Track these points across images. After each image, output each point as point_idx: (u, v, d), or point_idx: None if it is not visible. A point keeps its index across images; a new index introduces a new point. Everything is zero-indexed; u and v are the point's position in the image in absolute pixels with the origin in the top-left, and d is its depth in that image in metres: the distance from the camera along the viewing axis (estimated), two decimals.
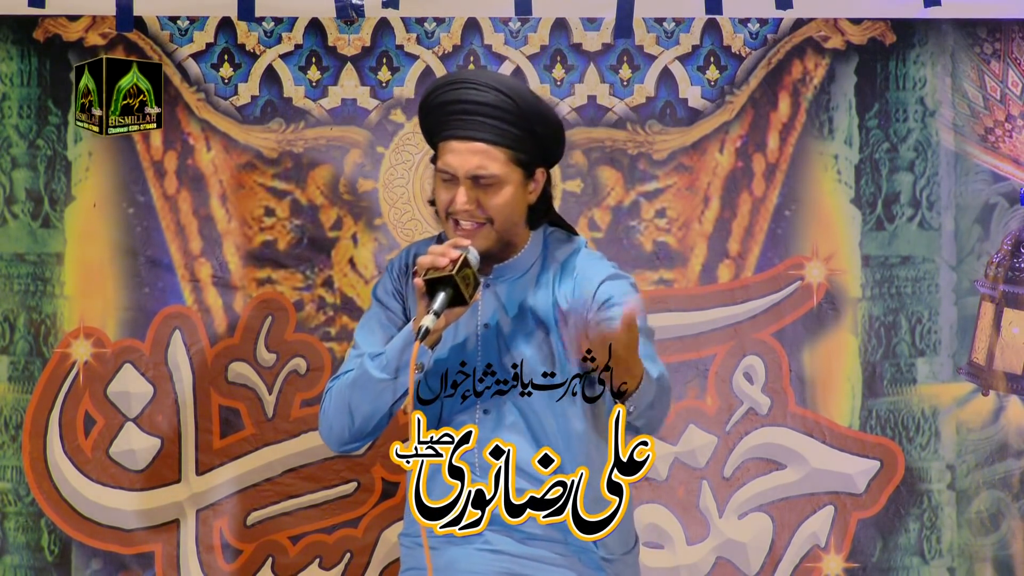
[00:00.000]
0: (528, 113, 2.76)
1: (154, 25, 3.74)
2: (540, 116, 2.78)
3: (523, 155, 2.77)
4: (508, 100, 2.74)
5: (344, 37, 3.76)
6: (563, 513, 2.59)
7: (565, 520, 2.59)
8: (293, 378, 3.74)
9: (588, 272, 2.81)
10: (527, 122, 2.76)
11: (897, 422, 3.82)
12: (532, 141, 2.77)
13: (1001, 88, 3.85)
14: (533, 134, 2.77)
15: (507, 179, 2.77)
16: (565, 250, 2.87)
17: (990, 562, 3.85)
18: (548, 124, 2.79)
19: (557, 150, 2.84)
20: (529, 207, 2.83)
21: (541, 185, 2.83)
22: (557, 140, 2.82)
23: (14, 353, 3.74)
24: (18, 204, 3.75)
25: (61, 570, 3.73)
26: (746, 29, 3.80)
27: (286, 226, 3.77)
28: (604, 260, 2.89)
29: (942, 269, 3.84)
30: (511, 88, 2.76)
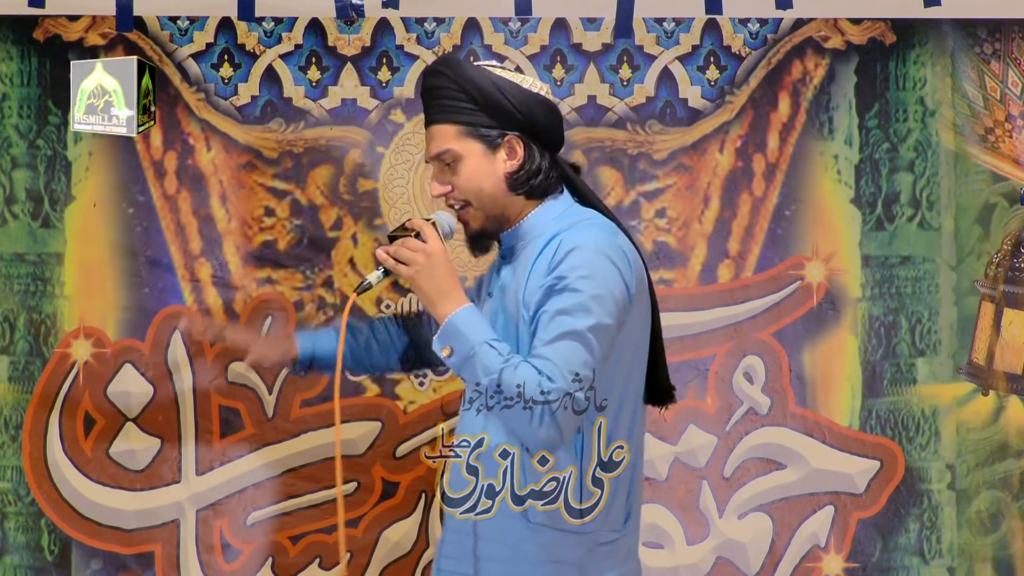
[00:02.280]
0: (462, 82, 2.78)
1: (154, 25, 3.74)
2: (472, 82, 2.78)
3: (473, 126, 2.79)
4: (444, 76, 2.80)
5: (344, 37, 3.76)
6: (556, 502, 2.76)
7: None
8: (293, 378, 3.74)
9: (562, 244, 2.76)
10: (464, 92, 2.78)
11: (897, 422, 3.82)
12: (478, 109, 2.78)
13: (1001, 88, 3.85)
14: (475, 102, 2.78)
15: (464, 152, 2.80)
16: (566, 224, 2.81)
17: (990, 562, 3.85)
18: (482, 89, 2.78)
19: (515, 113, 2.79)
20: (509, 175, 2.82)
21: (519, 153, 2.81)
22: (501, 104, 2.78)
23: (14, 353, 3.74)
24: (18, 204, 3.75)
25: (61, 570, 3.74)
26: (746, 29, 3.80)
27: (286, 226, 3.77)
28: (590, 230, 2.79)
29: (942, 269, 3.84)
30: (447, 63, 2.82)
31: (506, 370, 2.67)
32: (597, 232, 2.76)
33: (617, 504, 2.78)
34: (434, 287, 2.77)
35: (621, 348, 2.74)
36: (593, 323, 2.66)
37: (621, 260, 2.73)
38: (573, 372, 2.64)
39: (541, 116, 2.81)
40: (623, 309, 2.71)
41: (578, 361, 2.65)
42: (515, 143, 2.80)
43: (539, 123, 2.80)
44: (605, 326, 2.68)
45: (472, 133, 2.80)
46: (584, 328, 2.66)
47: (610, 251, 2.72)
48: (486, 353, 2.69)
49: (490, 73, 2.81)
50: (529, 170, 2.81)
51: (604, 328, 2.67)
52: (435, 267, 2.77)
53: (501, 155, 2.81)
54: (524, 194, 2.83)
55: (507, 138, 2.80)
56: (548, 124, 2.82)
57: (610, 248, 2.73)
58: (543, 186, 2.83)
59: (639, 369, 2.81)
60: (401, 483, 3.75)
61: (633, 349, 2.79)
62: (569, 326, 2.66)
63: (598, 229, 2.77)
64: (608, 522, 2.78)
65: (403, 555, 3.75)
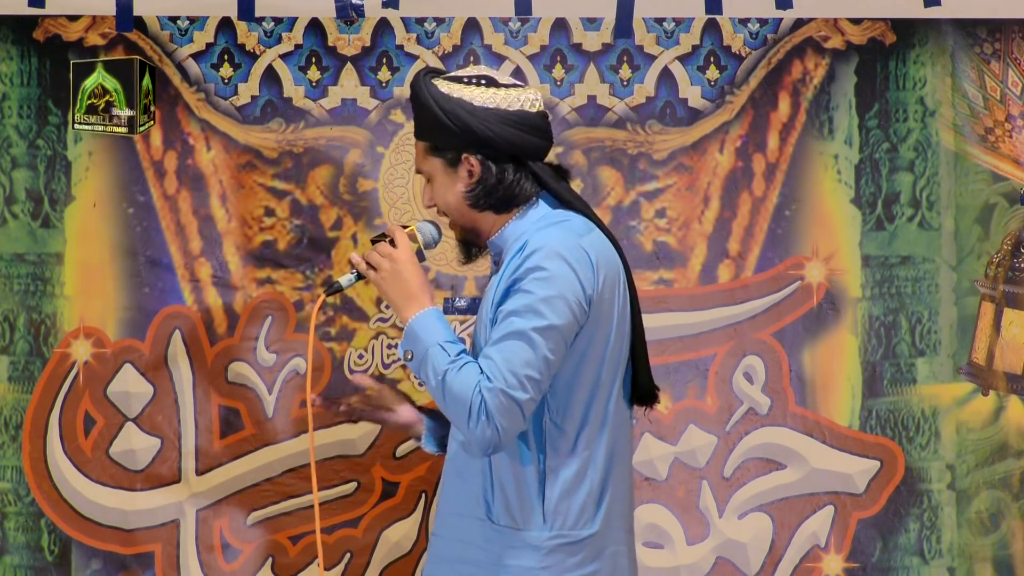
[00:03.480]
0: (417, 102, 2.81)
1: (154, 25, 3.74)
2: (424, 104, 2.79)
3: (431, 143, 2.81)
4: (411, 93, 2.83)
5: (344, 37, 3.76)
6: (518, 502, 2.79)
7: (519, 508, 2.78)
8: (293, 378, 3.74)
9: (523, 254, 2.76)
10: (417, 106, 2.82)
11: (897, 422, 3.82)
12: (430, 126, 2.80)
13: (1001, 88, 3.85)
14: (425, 118, 2.80)
15: (431, 169, 2.84)
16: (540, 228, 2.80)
17: (990, 562, 3.85)
18: (431, 111, 2.78)
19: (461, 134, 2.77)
20: (465, 194, 2.81)
21: (476, 171, 2.79)
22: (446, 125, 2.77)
23: (14, 353, 3.74)
24: (18, 204, 3.75)
25: (61, 570, 3.74)
26: (746, 29, 3.80)
27: (286, 226, 3.77)
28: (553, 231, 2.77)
29: (942, 269, 3.84)
30: (412, 81, 2.84)
31: (450, 371, 2.68)
32: (559, 233, 2.75)
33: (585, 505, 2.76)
34: (398, 292, 2.79)
35: (584, 349, 2.73)
36: (540, 324, 2.66)
37: (579, 261, 2.71)
38: (513, 372, 2.64)
39: (497, 132, 2.77)
40: (579, 311, 2.69)
41: (520, 361, 2.65)
42: (472, 161, 2.79)
43: (493, 140, 2.77)
44: (554, 327, 2.67)
45: (433, 151, 2.82)
46: (529, 329, 2.65)
47: (567, 252, 2.71)
48: (436, 354, 2.70)
49: (436, 93, 2.78)
50: (485, 187, 2.80)
51: (553, 329, 2.67)
52: (400, 272, 2.79)
53: (462, 173, 2.81)
54: (489, 209, 2.82)
55: (464, 157, 2.80)
56: (509, 138, 2.78)
57: (568, 249, 2.71)
58: (507, 199, 2.81)
59: (610, 369, 2.79)
60: (401, 483, 3.75)
61: (601, 349, 2.76)
62: (515, 327, 2.66)
63: (562, 230, 2.76)
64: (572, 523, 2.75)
65: (403, 555, 3.75)
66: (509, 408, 2.64)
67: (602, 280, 2.73)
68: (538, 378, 2.65)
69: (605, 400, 2.78)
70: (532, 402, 2.66)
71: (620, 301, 2.79)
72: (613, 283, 2.77)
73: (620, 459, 2.82)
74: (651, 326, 3.74)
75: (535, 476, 2.73)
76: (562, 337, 2.68)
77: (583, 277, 2.70)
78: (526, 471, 2.73)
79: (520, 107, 2.78)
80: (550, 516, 2.73)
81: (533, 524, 2.73)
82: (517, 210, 2.82)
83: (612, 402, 2.79)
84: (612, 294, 2.76)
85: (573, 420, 2.74)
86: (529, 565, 2.73)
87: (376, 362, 3.76)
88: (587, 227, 2.79)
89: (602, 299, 2.73)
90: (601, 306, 2.73)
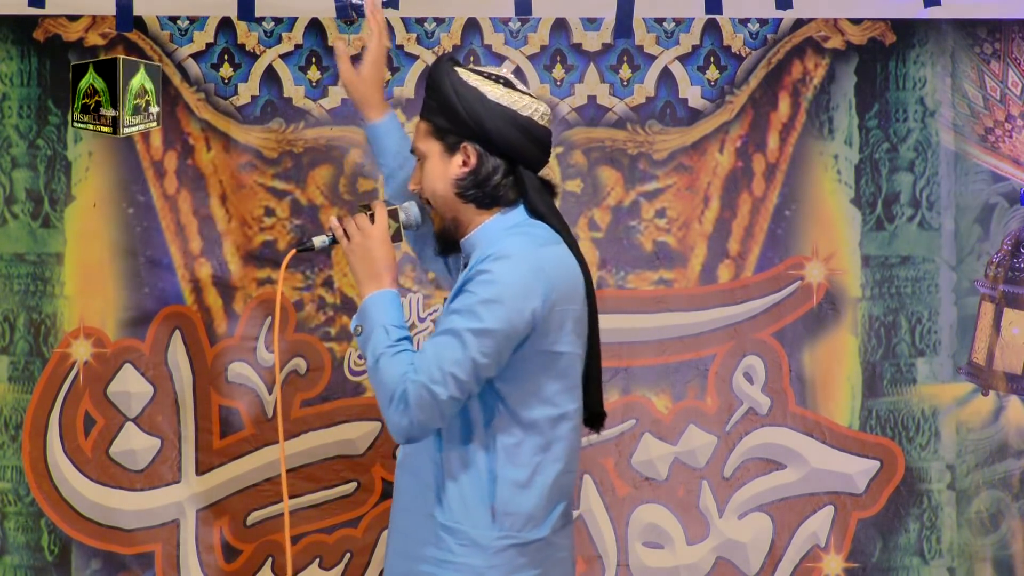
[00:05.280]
0: (433, 83, 2.83)
1: (154, 25, 3.74)
2: (439, 85, 2.82)
3: (435, 124, 2.83)
4: (429, 74, 2.86)
5: (344, 37, 3.76)
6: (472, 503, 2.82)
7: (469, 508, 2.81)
8: (293, 378, 3.74)
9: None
10: (432, 87, 2.83)
11: (897, 422, 3.83)
12: (440, 111, 2.82)
13: (1001, 88, 3.85)
14: (440, 104, 2.82)
15: (428, 151, 2.85)
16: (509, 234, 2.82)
17: (990, 562, 3.85)
18: (444, 93, 2.81)
19: (468, 122, 2.80)
20: (456, 180, 2.82)
21: (471, 161, 2.81)
22: (456, 110, 2.79)
23: (14, 353, 3.74)
24: (18, 204, 3.75)
25: (61, 570, 3.74)
26: (746, 29, 3.80)
27: (286, 226, 3.77)
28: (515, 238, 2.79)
29: (942, 269, 3.84)
30: (436, 62, 2.88)
31: (385, 355, 2.73)
32: (519, 241, 2.77)
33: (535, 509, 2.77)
34: (363, 267, 2.84)
35: (533, 357, 2.74)
36: (475, 326, 2.68)
37: (531, 271, 2.72)
38: (440, 368, 2.67)
39: (502, 130, 2.79)
40: (519, 319, 2.70)
41: (450, 359, 2.68)
42: (470, 150, 2.81)
43: (496, 136, 2.79)
44: (488, 331, 2.68)
45: (435, 134, 2.84)
46: (464, 328, 2.68)
47: (519, 261, 2.72)
48: (379, 335, 2.75)
49: (456, 79, 2.81)
50: (476, 179, 2.81)
51: (487, 333, 2.68)
52: (369, 249, 2.84)
53: (457, 160, 2.82)
54: (473, 202, 2.83)
55: (463, 145, 2.81)
56: (511, 139, 2.80)
57: (520, 258, 2.73)
58: (492, 196, 2.82)
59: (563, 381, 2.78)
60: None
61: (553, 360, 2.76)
62: (452, 324, 2.70)
63: (523, 239, 2.78)
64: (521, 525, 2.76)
65: None
66: (428, 402, 2.68)
67: (553, 295, 2.74)
68: (463, 378, 2.68)
69: (559, 412, 2.78)
70: (454, 400, 2.69)
71: (574, 317, 2.79)
72: (567, 298, 2.77)
73: (570, 471, 2.83)
74: (651, 326, 3.77)
75: (486, 477, 2.75)
76: (496, 342, 2.69)
77: (530, 287, 2.71)
78: (477, 472, 2.76)
79: (530, 115, 2.81)
80: (500, 517, 2.75)
81: (482, 524, 2.75)
82: (497, 210, 2.84)
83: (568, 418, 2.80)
84: (565, 309, 2.76)
85: (525, 426, 2.75)
86: (477, 564, 2.75)
87: None
88: (550, 239, 2.80)
89: (551, 312, 2.73)
90: (551, 319, 2.74)
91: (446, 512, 2.77)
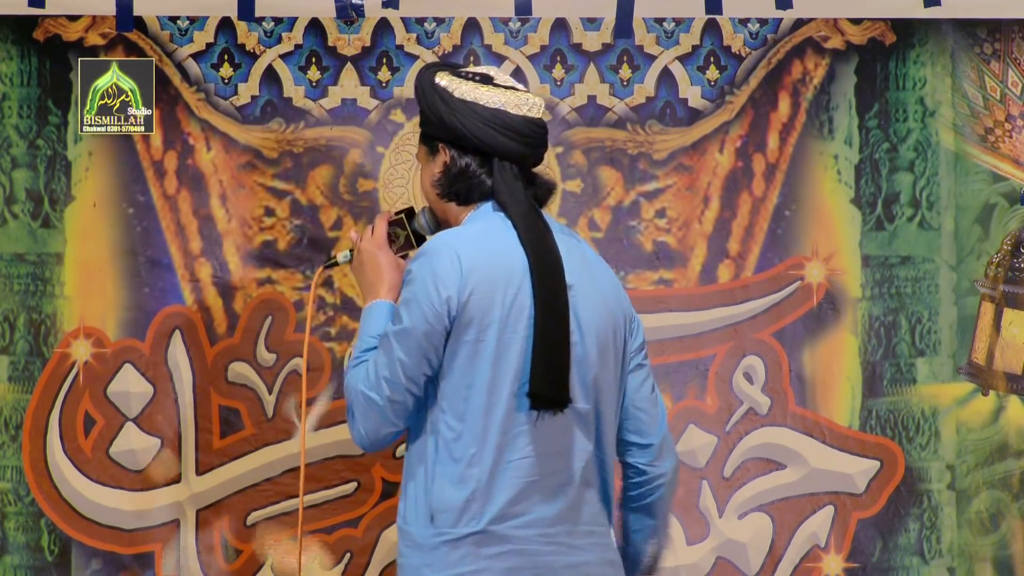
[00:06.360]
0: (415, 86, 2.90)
1: (154, 25, 3.74)
2: (415, 92, 2.90)
3: (422, 132, 2.90)
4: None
5: (344, 37, 3.76)
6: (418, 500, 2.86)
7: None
8: (293, 378, 3.74)
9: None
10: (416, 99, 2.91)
11: (897, 422, 3.82)
12: (422, 117, 2.90)
13: (1001, 88, 3.85)
14: (420, 109, 2.90)
15: (420, 157, 2.93)
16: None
17: (990, 562, 3.85)
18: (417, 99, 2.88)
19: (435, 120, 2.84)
20: (435, 181, 2.88)
21: (447, 161, 2.85)
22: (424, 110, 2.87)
23: (14, 353, 3.74)
24: (18, 204, 3.75)
25: (61, 570, 3.74)
26: (746, 29, 3.80)
27: (286, 226, 3.77)
28: (441, 235, 2.82)
29: (942, 269, 3.84)
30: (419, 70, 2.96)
31: (349, 368, 2.81)
32: (445, 236, 2.81)
33: (468, 502, 2.74)
34: (360, 280, 2.95)
35: (458, 351, 2.73)
36: (396, 328, 2.75)
37: (443, 264, 2.73)
38: (376, 373, 2.74)
39: (467, 125, 2.81)
40: (432, 313, 2.72)
41: (381, 364, 2.75)
42: (444, 150, 2.86)
43: (464, 132, 2.82)
44: (406, 330, 2.73)
45: (421, 139, 2.91)
46: (391, 332, 2.75)
47: (433, 256, 2.75)
48: (355, 347, 2.84)
49: (426, 82, 2.86)
50: (449, 177, 2.86)
51: (405, 332, 2.73)
52: (364, 262, 2.92)
53: (439, 161, 2.87)
54: (453, 200, 2.87)
55: (440, 146, 2.86)
56: (477, 133, 2.81)
57: (437, 252, 2.76)
58: (466, 192, 2.85)
59: (495, 372, 2.75)
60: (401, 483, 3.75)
61: (480, 352, 2.73)
62: (386, 329, 2.78)
63: (452, 233, 2.82)
64: (454, 521, 2.74)
65: None
66: (367, 409, 2.75)
67: (471, 284, 2.73)
68: (394, 380, 2.72)
69: (492, 401, 2.75)
70: (393, 403, 2.73)
71: (505, 305, 2.75)
72: (492, 287, 2.74)
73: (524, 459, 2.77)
74: (651, 326, 3.76)
75: (426, 476, 2.77)
76: (415, 340, 2.72)
77: (441, 281, 2.73)
78: (424, 471, 2.78)
79: (499, 107, 2.82)
80: (436, 515, 2.75)
81: (422, 523, 2.77)
82: (473, 207, 2.87)
83: (503, 402, 2.75)
84: (491, 298, 2.74)
85: (460, 420, 2.75)
86: (415, 563, 2.77)
87: None
88: (492, 229, 2.80)
89: (470, 303, 2.73)
90: (470, 309, 2.73)
91: (401, 515, 2.81)
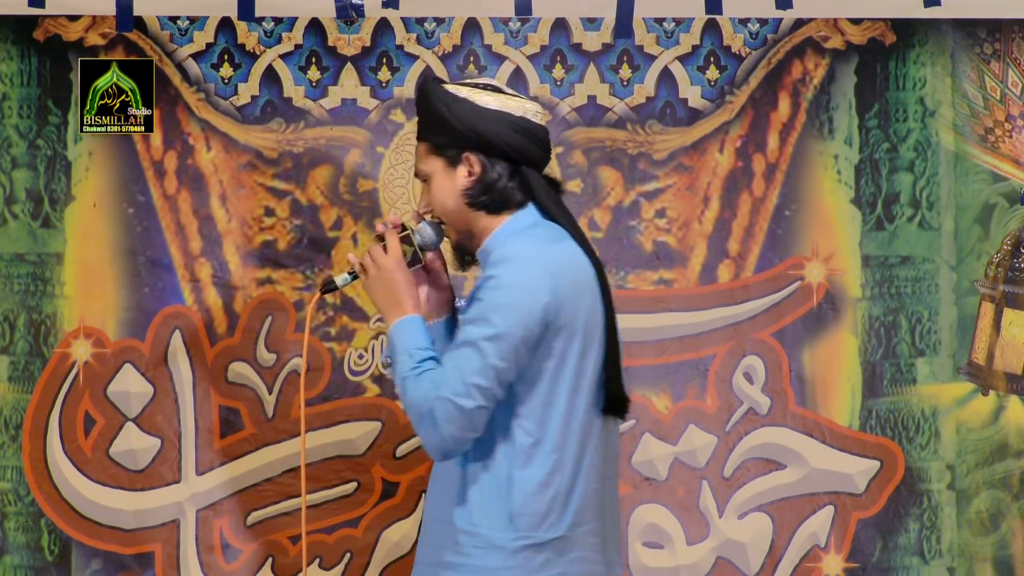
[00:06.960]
0: (424, 102, 2.85)
1: (154, 25, 3.74)
2: (429, 103, 2.83)
3: (434, 143, 2.84)
4: (417, 94, 2.87)
5: (344, 37, 3.76)
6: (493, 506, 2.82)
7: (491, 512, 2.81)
8: (293, 378, 3.74)
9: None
10: (424, 107, 2.85)
11: (897, 422, 3.83)
12: (435, 125, 2.83)
13: (1001, 88, 3.85)
14: (432, 120, 2.84)
15: (431, 170, 2.85)
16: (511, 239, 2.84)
17: (990, 562, 3.85)
18: (436, 109, 2.82)
19: (465, 132, 2.81)
20: (464, 191, 2.83)
21: (476, 170, 2.82)
22: (450, 123, 2.81)
23: (14, 353, 3.74)
24: (18, 204, 3.75)
25: (61, 570, 3.74)
26: (746, 29, 3.80)
27: (286, 226, 3.77)
28: (521, 240, 2.81)
29: (942, 269, 3.84)
30: (419, 82, 2.92)
31: (409, 378, 2.73)
32: (524, 242, 2.78)
33: (550, 508, 2.76)
34: (382, 299, 2.84)
35: (547, 355, 2.73)
36: (489, 333, 2.69)
37: (536, 269, 2.72)
38: (462, 381, 2.68)
39: (499, 133, 2.80)
40: (530, 319, 2.70)
41: (470, 369, 2.68)
42: (472, 160, 2.82)
43: (495, 140, 2.80)
44: (502, 335, 2.69)
45: (435, 151, 2.85)
46: (480, 338, 2.69)
47: (524, 261, 2.73)
48: (403, 361, 2.75)
49: (444, 93, 2.82)
50: (483, 185, 2.83)
51: (501, 338, 2.69)
52: (383, 279, 2.83)
53: (462, 172, 2.83)
54: (484, 209, 2.84)
55: (465, 155, 2.83)
56: (509, 140, 2.81)
57: (526, 258, 2.74)
58: (501, 200, 2.83)
59: (578, 377, 2.77)
60: (401, 483, 3.75)
61: (566, 357, 2.75)
62: (467, 335, 2.71)
63: (528, 239, 2.79)
64: (537, 525, 2.75)
65: (403, 555, 3.75)
66: (456, 416, 2.68)
67: (562, 290, 2.74)
68: (487, 386, 2.68)
69: (573, 407, 2.77)
70: (482, 410, 2.69)
71: (587, 311, 2.78)
72: (577, 293, 2.76)
73: (591, 466, 2.81)
74: (651, 326, 3.77)
75: (503, 480, 2.75)
76: (511, 345, 2.69)
77: (537, 286, 2.72)
78: (496, 474, 2.75)
79: (523, 115, 2.82)
80: (516, 518, 2.74)
81: (499, 526, 2.74)
82: (508, 214, 2.84)
83: (581, 409, 2.78)
84: (576, 304, 2.76)
85: (540, 425, 2.74)
86: (494, 566, 2.74)
87: (376, 362, 3.76)
88: (557, 236, 2.81)
89: (562, 308, 2.73)
90: (561, 315, 2.73)
91: (465, 516, 2.76)
